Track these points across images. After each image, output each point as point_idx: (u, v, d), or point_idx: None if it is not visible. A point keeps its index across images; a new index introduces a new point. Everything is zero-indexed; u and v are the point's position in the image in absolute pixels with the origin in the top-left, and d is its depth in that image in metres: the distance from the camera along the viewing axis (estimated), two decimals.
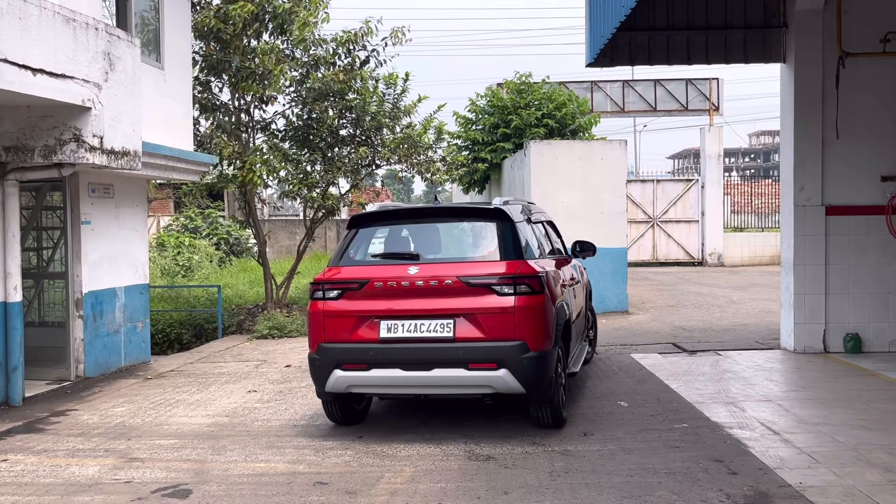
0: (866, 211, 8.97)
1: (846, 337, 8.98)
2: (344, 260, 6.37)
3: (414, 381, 5.95)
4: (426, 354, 5.88)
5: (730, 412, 6.46)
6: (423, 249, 6.43)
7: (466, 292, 5.86)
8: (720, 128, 23.88)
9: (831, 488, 4.63)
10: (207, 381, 8.67)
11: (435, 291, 5.89)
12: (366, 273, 6.15)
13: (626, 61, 9.51)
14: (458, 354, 5.81)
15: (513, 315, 5.79)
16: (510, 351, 5.75)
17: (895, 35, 8.71)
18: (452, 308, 5.86)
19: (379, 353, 5.95)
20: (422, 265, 6.07)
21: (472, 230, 6.53)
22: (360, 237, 6.52)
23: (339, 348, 6.04)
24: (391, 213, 6.75)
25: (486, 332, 5.80)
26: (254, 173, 12.48)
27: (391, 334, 5.93)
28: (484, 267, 6.01)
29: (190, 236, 22.93)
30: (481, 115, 16.61)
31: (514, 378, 5.75)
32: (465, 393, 6.13)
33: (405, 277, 5.96)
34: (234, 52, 12.47)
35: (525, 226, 6.60)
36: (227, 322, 13.03)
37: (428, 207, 6.74)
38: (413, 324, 5.91)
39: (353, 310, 6.03)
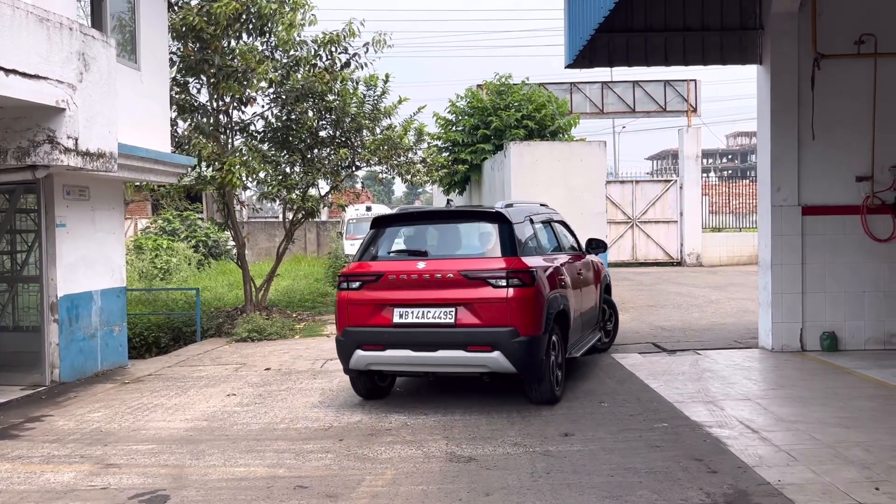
0: (842, 211, 9.08)
1: (823, 335, 9.07)
2: (365, 256, 7.32)
3: (422, 361, 6.82)
4: (432, 337, 6.70)
5: (709, 411, 6.50)
6: (431, 247, 7.36)
7: (466, 284, 6.68)
8: (698, 129, 24.08)
9: (809, 486, 4.67)
10: (186, 384, 8.58)
11: (439, 283, 6.74)
12: (382, 267, 7.06)
13: (605, 62, 9.55)
14: (458, 338, 6.64)
15: (505, 304, 6.57)
16: (502, 335, 6.51)
17: (869, 37, 8.83)
18: (454, 298, 6.67)
19: (392, 336, 6.80)
20: (429, 261, 6.93)
21: (475, 230, 7.42)
22: (380, 236, 7.43)
23: (360, 331, 6.93)
24: (407, 216, 7.80)
25: (482, 318, 6.60)
26: (233, 175, 12.38)
27: (403, 320, 6.78)
28: (482, 262, 6.83)
29: (168, 239, 22.73)
30: (461, 116, 16.63)
31: (507, 359, 6.53)
32: (465, 371, 6.97)
33: (414, 271, 6.84)
34: (214, 51, 12.36)
35: (525, 226, 7.29)
36: (206, 325, 12.92)
37: (438, 210, 7.76)
38: (421, 311, 6.75)
39: (371, 298, 6.93)
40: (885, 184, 9.04)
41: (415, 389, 7.83)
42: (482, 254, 7.04)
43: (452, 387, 7.85)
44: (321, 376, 8.74)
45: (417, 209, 8.23)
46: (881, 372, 7.86)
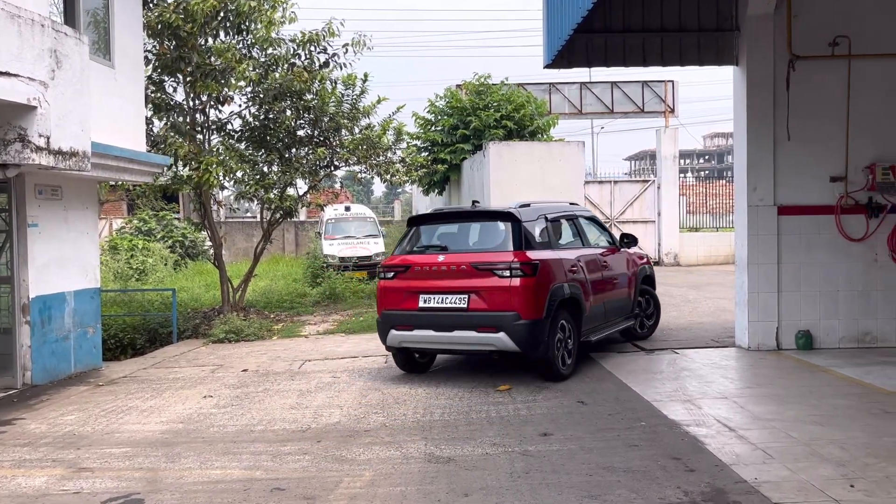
0: (817, 211, 9.17)
1: (798, 334, 9.17)
2: (399, 250, 8.54)
3: (441, 340, 7.91)
4: (449, 320, 7.75)
5: (687, 410, 6.53)
6: (451, 242, 8.36)
7: (476, 275, 7.67)
8: (675, 129, 24.24)
9: (785, 483, 4.70)
10: (161, 386, 8.48)
11: (455, 274, 7.78)
12: (411, 260, 8.19)
13: (584, 63, 9.56)
14: (470, 320, 7.65)
15: (508, 292, 7.50)
16: (506, 319, 7.47)
17: (843, 38, 8.94)
18: (466, 286, 7.70)
19: (418, 318, 7.91)
20: (447, 254, 8.04)
21: (489, 227, 8.31)
22: (413, 233, 8.65)
23: (393, 314, 8.09)
24: (436, 216, 8.89)
25: (489, 304, 7.59)
26: (210, 174, 12.26)
27: (426, 304, 7.88)
28: (490, 256, 7.80)
29: (144, 239, 22.49)
30: (440, 116, 16.59)
31: (510, 339, 7.49)
32: (476, 350, 7.94)
33: (435, 263, 7.94)
34: (191, 49, 12.23)
35: (537, 223, 8.19)
36: (183, 326, 12.78)
37: (461, 211, 8.90)
38: (440, 297, 7.81)
39: (402, 286, 8.06)
40: (858, 184, 9.15)
41: (395, 390, 7.79)
42: (492, 248, 7.97)
43: (432, 385, 7.82)
44: (299, 377, 8.68)
45: (444, 210, 9.10)
46: (855, 370, 7.95)
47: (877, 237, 9.18)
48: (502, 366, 8.70)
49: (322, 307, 15.73)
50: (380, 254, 21.79)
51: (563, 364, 7.88)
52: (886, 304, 9.23)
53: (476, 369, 8.67)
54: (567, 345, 7.97)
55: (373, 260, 21.52)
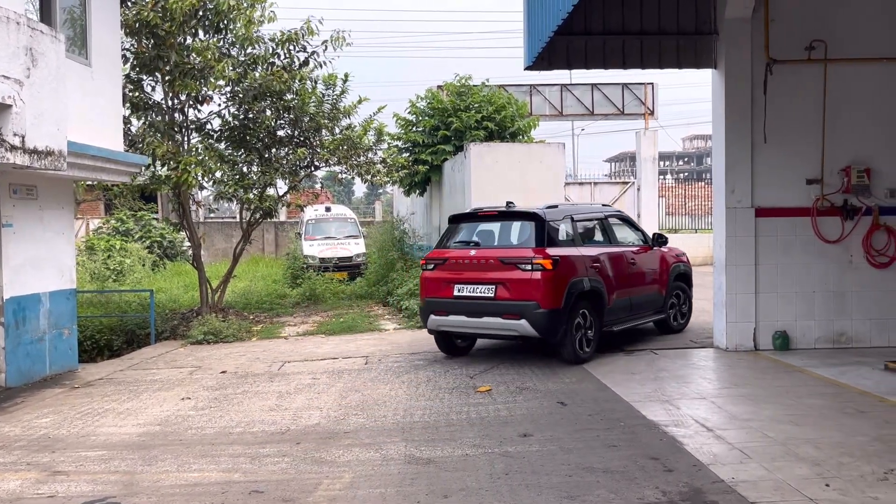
0: (793, 213, 9.28)
1: (775, 335, 9.26)
2: (439, 245, 9.73)
3: (472, 325, 8.88)
4: (478, 307, 8.71)
5: (665, 410, 6.57)
6: (484, 238, 9.37)
7: (503, 268, 8.61)
8: (655, 131, 24.40)
9: (762, 483, 4.75)
10: (139, 388, 8.39)
11: (485, 266, 8.77)
12: (448, 254, 9.28)
13: (564, 65, 9.60)
14: (496, 308, 8.58)
15: (530, 284, 8.39)
16: (527, 307, 8.37)
17: (819, 43, 9.05)
18: (493, 278, 8.64)
19: (453, 306, 8.92)
20: (479, 249, 9.07)
21: (517, 226, 9.22)
22: (452, 230, 9.72)
23: (433, 301, 9.14)
24: (472, 215, 9.74)
25: (513, 294, 8.49)
26: (188, 174, 12.17)
27: (459, 293, 8.89)
28: (515, 251, 8.75)
29: (121, 239, 22.24)
30: (421, 116, 16.53)
31: (531, 326, 8.38)
32: (502, 334, 8.99)
33: (468, 257, 9.00)
34: (170, 48, 12.12)
35: (562, 223, 9.09)
36: (161, 327, 12.67)
37: (494, 210, 9.48)
38: (471, 287, 8.80)
39: (441, 277, 9.12)
40: (834, 186, 9.27)
41: (375, 391, 7.77)
42: (518, 244, 8.95)
43: (413, 386, 7.81)
44: (278, 379, 8.63)
45: (480, 210, 9.81)
46: (830, 370, 8.04)
47: (852, 239, 9.31)
48: (485, 364, 8.73)
49: (302, 308, 15.67)
50: (360, 254, 21.72)
51: (581, 350, 8.70)
52: (861, 305, 9.35)
53: (455, 371, 8.67)
54: (587, 333, 8.78)
55: (353, 261, 21.45)
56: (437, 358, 9.51)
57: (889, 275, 9.35)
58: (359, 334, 11.99)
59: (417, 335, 11.55)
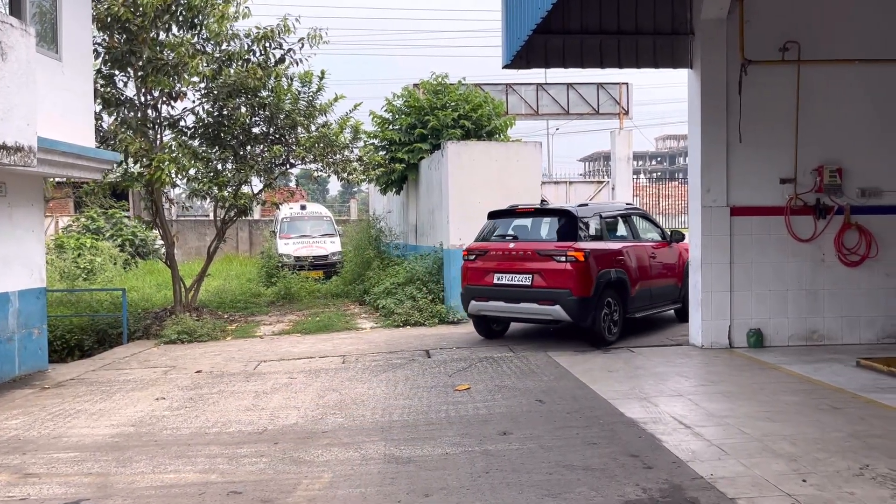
0: (767, 212, 9.39)
1: (749, 333, 9.37)
2: (479, 238, 10.57)
3: (510, 310, 9.79)
4: (516, 294, 9.64)
5: (644, 408, 6.61)
6: (521, 233, 10.35)
7: (539, 259, 9.52)
8: (630, 131, 24.59)
9: (740, 479, 4.79)
10: (111, 389, 8.25)
11: (523, 258, 9.66)
12: (489, 246, 10.15)
13: (542, 63, 9.61)
14: (533, 295, 9.49)
15: (563, 274, 9.29)
16: (561, 294, 9.29)
17: (793, 44, 9.17)
18: (531, 268, 9.55)
19: (492, 292, 9.86)
20: (517, 242, 9.97)
21: (551, 222, 10.29)
22: (491, 224, 10.63)
23: (474, 288, 10.11)
24: (510, 211, 10.58)
25: (548, 282, 9.39)
26: (162, 171, 11.99)
27: (499, 281, 9.81)
28: (550, 244, 9.64)
29: (92, 237, 21.86)
30: (398, 115, 16.45)
31: (564, 311, 9.27)
32: (537, 319, 9.82)
33: (507, 249, 9.86)
34: (142, 43, 11.93)
35: (591, 220, 10.02)
36: (133, 327, 12.46)
37: (531, 207, 10.46)
38: (510, 276, 9.70)
39: (481, 267, 10.05)
40: (807, 186, 9.40)
41: (353, 390, 7.72)
42: (553, 238, 9.89)
43: (391, 385, 7.77)
44: (255, 378, 8.53)
45: (517, 207, 10.64)
46: (804, 367, 8.15)
47: (824, 237, 9.45)
48: (463, 363, 8.71)
49: (277, 307, 15.53)
50: (336, 253, 21.59)
51: (608, 333, 9.64)
52: (833, 303, 9.50)
53: (433, 370, 8.64)
54: (612, 318, 9.72)
55: (329, 259, 21.32)
56: (414, 357, 9.47)
57: (860, 273, 9.51)
58: (335, 333, 11.91)
59: (395, 334, 11.50)
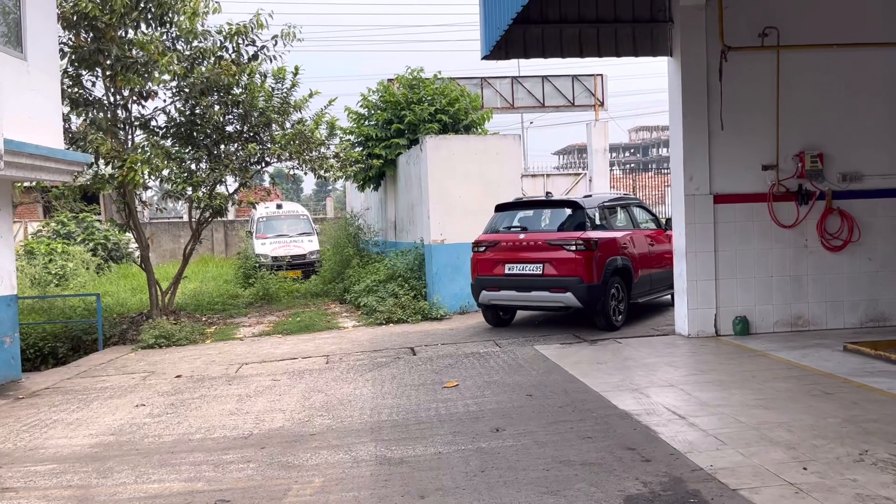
0: (750, 199, 9.37)
1: (735, 320, 9.34)
2: (488, 230, 10.79)
3: (522, 299, 10.13)
4: (528, 283, 9.96)
5: (636, 399, 6.52)
6: (530, 224, 10.67)
7: (549, 249, 9.86)
8: (605, 123, 24.56)
9: (740, 469, 4.71)
10: (88, 397, 8.00)
11: (533, 248, 9.98)
12: (499, 237, 10.42)
13: (521, 54, 9.48)
14: (544, 284, 9.83)
15: (574, 262, 9.65)
16: (572, 282, 9.65)
17: (772, 29, 9.14)
18: (541, 258, 9.87)
19: (504, 282, 10.17)
20: (527, 233, 10.25)
21: (559, 213, 10.55)
22: (499, 217, 10.87)
23: (485, 279, 10.39)
24: (517, 204, 11.05)
25: (559, 271, 9.76)
26: (134, 172, 11.71)
27: (510, 271, 10.11)
28: (560, 234, 9.96)
29: (63, 242, 21.41)
30: (374, 110, 16.25)
31: (575, 298, 9.64)
32: (548, 306, 10.18)
33: (518, 240, 10.16)
34: (110, 41, 11.62)
35: (596, 210, 10.34)
36: (109, 332, 12.17)
37: (537, 200, 11.12)
38: (522, 266, 10.01)
39: (492, 258, 10.33)
40: (788, 172, 9.39)
41: (339, 391, 7.55)
42: (562, 228, 10.13)
43: (377, 385, 7.61)
44: (237, 382, 8.33)
45: (524, 199, 11.21)
46: (791, 353, 8.14)
47: (807, 223, 9.45)
48: (449, 360, 8.58)
49: (256, 308, 15.29)
50: (314, 252, 21.34)
51: (616, 318, 10.00)
52: (816, 288, 9.51)
53: (420, 368, 8.51)
54: (619, 304, 10.06)
55: (307, 258, 21.07)
56: (399, 355, 9.32)
57: (842, 258, 9.53)
58: (317, 333, 11.71)
59: (378, 332, 11.34)
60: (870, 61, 9.41)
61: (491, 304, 10.50)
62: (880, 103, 9.48)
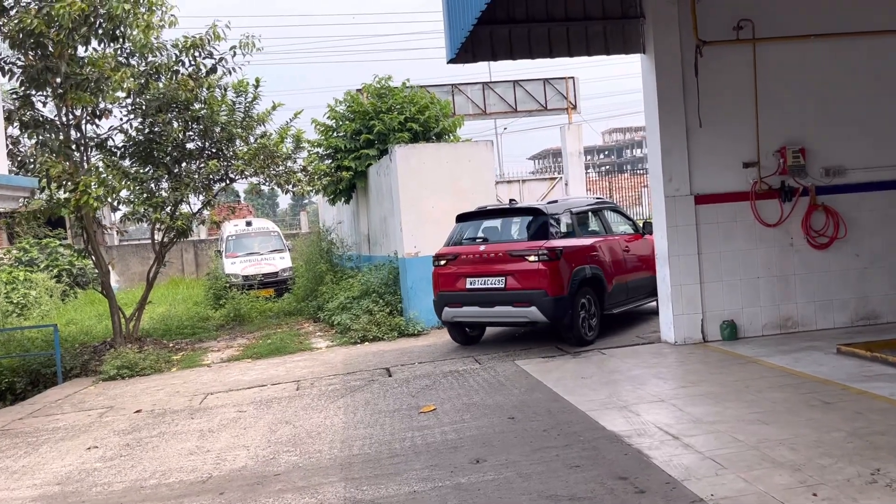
0: (733, 198, 9.02)
1: (723, 325, 8.97)
2: (448, 242, 10.14)
3: (485, 314, 9.46)
4: (490, 298, 9.29)
5: (625, 418, 6.09)
6: (492, 234, 10.07)
7: (511, 260, 9.19)
8: (579, 125, 24.26)
9: (744, 498, 4.28)
10: (38, 440, 7.42)
11: (494, 260, 9.33)
12: (459, 250, 9.79)
13: (489, 56, 9.05)
14: (507, 298, 9.15)
15: (537, 274, 8.97)
16: (536, 295, 8.96)
17: (747, 22, 8.82)
18: (503, 270, 9.22)
19: (466, 297, 9.51)
20: (488, 245, 9.61)
21: (521, 221, 9.87)
22: (460, 228, 10.18)
23: (446, 294, 9.71)
24: (478, 213, 10.22)
25: (522, 284, 9.07)
26: (88, 195, 11.11)
27: (472, 286, 9.46)
28: (522, 244, 9.33)
29: (25, 270, 20.64)
30: (342, 121, 15.77)
31: (540, 312, 8.95)
32: (513, 321, 9.53)
33: (478, 252, 9.51)
34: (58, 58, 11.04)
35: (562, 217, 9.70)
36: (70, 364, 11.53)
37: (499, 208, 10.28)
38: (483, 279, 9.36)
39: (452, 272, 9.69)
40: (770, 168, 9.05)
41: (308, 421, 7.04)
42: (524, 238, 9.54)
43: (350, 412, 7.11)
44: (200, 415, 7.79)
45: (485, 208, 10.31)
46: (783, 358, 7.77)
47: (791, 221, 9.12)
48: (426, 380, 8.11)
49: (227, 331, 14.72)
50: (287, 269, 20.77)
51: (587, 332, 9.32)
52: (804, 288, 9.17)
53: (395, 391, 8.02)
54: (590, 316, 9.41)
55: (279, 276, 20.49)
56: (374, 377, 8.84)
57: (829, 255, 9.21)
58: (289, 356, 11.18)
59: (352, 352, 10.84)
60: (848, 51, 9.12)
61: (454, 321, 9.87)
62: (861, 94, 9.18)
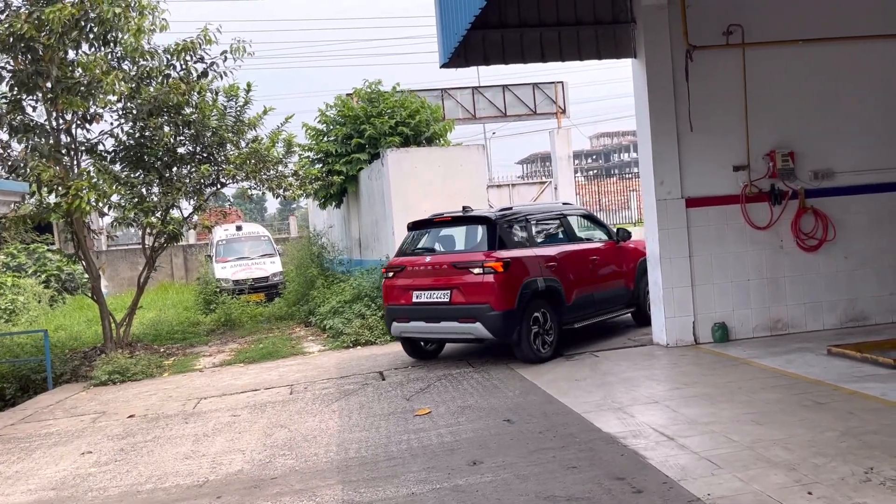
0: (723, 201, 9.09)
1: (714, 327, 9.04)
2: (398, 253, 9.72)
3: (430, 330, 9.00)
4: (436, 312, 8.79)
5: (620, 420, 6.13)
6: (442, 244, 9.52)
7: (456, 273, 8.69)
8: (568, 130, 24.38)
9: (740, 497, 4.32)
10: (31, 445, 7.38)
11: (439, 272, 8.86)
12: (406, 261, 9.29)
13: (481, 61, 9.10)
14: (452, 312, 8.64)
15: (482, 287, 8.43)
16: (481, 310, 8.43)
17: (736, 27, 8.91)
18: (448, 283, 8.73)
19: (412, 312, 9.03)
20: (433, 256, 9.18)
21: (470, 230, 9.25)
22: (411, 237, 9.69)
23: (394, 308, 9.25)
24: (429, 221, 9.57)
25: (467, 298, 8.56)
26: (81, 200, 11.07)
27: (418, 299, 8.97)
28: (467, 256, 8.79)
29: (13, 275, 20.50)
30: (332, 125, 15.80)
31: (485, 328, 8.44)
32: (459, 338, 9.05)
33: (424, 263, 9.05)
34: (49, 63, 11.01)
35: (514, 225, 9.12)
36: (60, 369, 11.47)
37: (450, 216, 9.42)
38: (428, 293, 8.87)
39: (400, 284, 9.19)
40: (760, 172, 9.14)
41: (303, 425, 7.04)
42: (470, 248, 8.99)
43: (344, 416, 7.12)
44: (194, 419, 7.77)
45: (437, 216, 9.58)
46: (774, 360, 7.84)
47: (781, 223, 9.21)
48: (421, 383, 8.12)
49: (218, 336, 14.68)
50: (277, 273, 20.74)
51: (540, 348, 8.74)
52: (794, 290, 9.26)
53: (389, 394, 8.03)
54: (545, 332, 8.81)
55: (270, 281, 20.46)
56: (368, 380, 8.84)
57: (819, 258, 9.30)
58: (281, 360, 11.16)
59: (345, 356, 10.84)
60: (836, 56, 9.22)
61: (402, 336, 9.42)
62: (848, 98, 9.30)
